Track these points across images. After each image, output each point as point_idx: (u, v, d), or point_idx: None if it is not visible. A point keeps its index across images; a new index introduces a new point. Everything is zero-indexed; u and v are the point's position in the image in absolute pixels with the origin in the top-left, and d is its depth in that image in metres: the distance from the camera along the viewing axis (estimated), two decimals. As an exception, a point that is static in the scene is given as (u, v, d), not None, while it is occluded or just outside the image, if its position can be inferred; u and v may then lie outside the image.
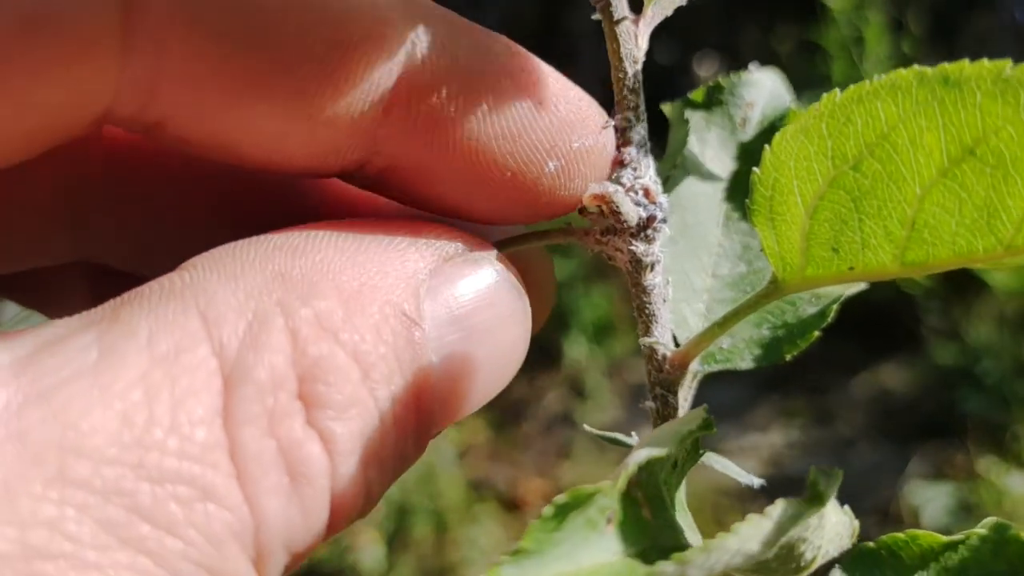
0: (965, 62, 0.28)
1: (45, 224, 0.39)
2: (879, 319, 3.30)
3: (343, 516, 0.29)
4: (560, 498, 0.26)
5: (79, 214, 0.39)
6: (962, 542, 0.35)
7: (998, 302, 3.08)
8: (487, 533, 2.93)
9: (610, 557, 0.27)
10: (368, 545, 2.91)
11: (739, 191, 0.44)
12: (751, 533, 0.27)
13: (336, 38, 0.31)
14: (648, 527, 0.30)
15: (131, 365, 0.26)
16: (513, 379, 0.35)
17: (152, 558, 0.25)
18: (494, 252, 0.34)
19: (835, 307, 0.40)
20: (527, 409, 3.52)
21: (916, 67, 0.29)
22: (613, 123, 0.36)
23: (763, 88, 0.45)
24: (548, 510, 0.26)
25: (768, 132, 0.44)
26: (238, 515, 0.26)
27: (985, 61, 0.27)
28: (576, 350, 3.54)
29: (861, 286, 0.39)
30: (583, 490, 0.26)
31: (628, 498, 0.29)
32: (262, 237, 0.31)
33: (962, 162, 0.29)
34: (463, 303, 0.32)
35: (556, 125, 0.34)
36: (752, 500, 2.52)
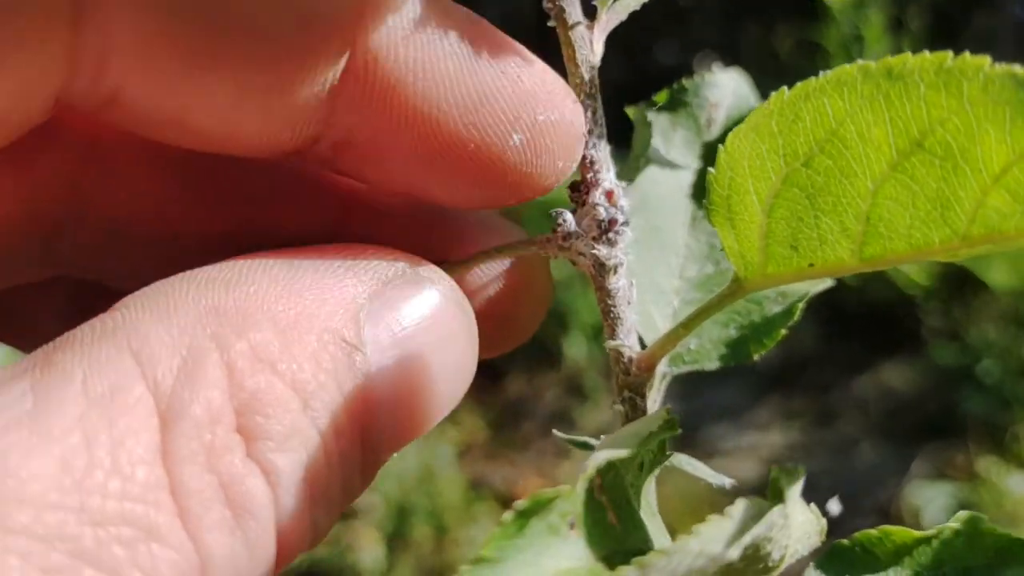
0: (908, 55, 0.28)
1: (18, 240, 0.38)
2: (880, 319, 3.30)
3: (290, 549, 0.29)
4: (520, 504, 0.26)
5: (53, 228, 0.39)
6: (935, 536, 0.35)
7: (998, 302, 3.08)
8: (486, 533, 2.93)
9: (573, 563, 0.27)
10: (368, 545, 2.93)
11: (705, 191, 0.43)
12: (712, 534, 0.27)
13: (287, 5, 0.31)
14: (613, 532, 0.30)
15: (67, 409, 0.26)
16: (512, 379, 0.35)
17: None
18: (437, 271, 0.34)
19: (800, 305, 0.40)
20: (526, 409, 3.52)
21: (860, 61, 0.29)
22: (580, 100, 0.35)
23: (727, 88, 0.46)
24: (508, 516, 0.26)
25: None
26: (183, 554, 0.26)
27: (927, 53, 0.27)
28: (575, 350, 3.54)
29: (827, 283, 0.39)
30: (543, 495, 0.26)
31: (592, 502, 0.29)
32: (194, 272, 0.31)
33: (911, 155, 0.29)
34: (405, 326, 0.32)
35: (520, 96, 0.33)
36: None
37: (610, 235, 0.36)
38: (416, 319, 0.32)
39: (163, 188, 0.39)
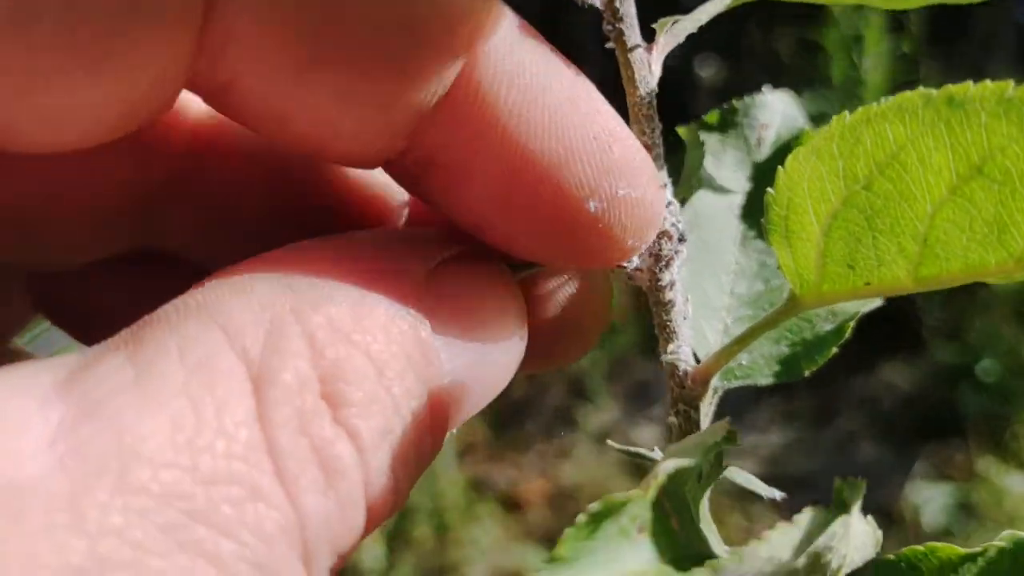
0: (969, 83, 0.29)
1: (110, 214, 0.40)
2: (880, 319, 3.30)
3: (377, 512, 0.30)
4: (593, 506, 0.27)
5: (143, 203, 0.41)
6: (981, 554, 0.35)
7: (998, 301, 3.08)
8: (487, 532, 2.94)
9: (643, 565, 0.28)
10: (368, 543, 2.92)
11: (755, 210, 0.45)
12: (782, 541, 0.28)
13: (410, 27, 0.32)
14: (677, 537, 0.31)
15: (169, 376, 0.27)
16: (513, 379, 0.36)
17: (210, 561, 0.25)
18: (488, 252, 0.36)
19: (852, 324, 0.41)
20: (528, 409, 3.52)
21: (922, 89, 0.30)
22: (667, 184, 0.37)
23: (776, 110, 0.47)
24: (582, 518, 0.27)
25: (783, 152, 0.45)
26: (284, 513, 0.27)
27: (988, 82, 0.29)
28: None
29: (877, 302, 0.40)
30: (615, 499, 0.27)
31: (657, 508, 0.30)
32: (266, 254, 0.32)
33: (971, 180, 0.30)
34: (463, 300, 0.34)
35: (606, 165, 0.34)
36: (752, 503, 2.52)
37: (666, 255, 0.37)
38: (474, 293, 0.34)
39: (259, 180, 0.41)
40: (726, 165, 0.46)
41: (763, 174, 0.46)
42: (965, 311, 3.13)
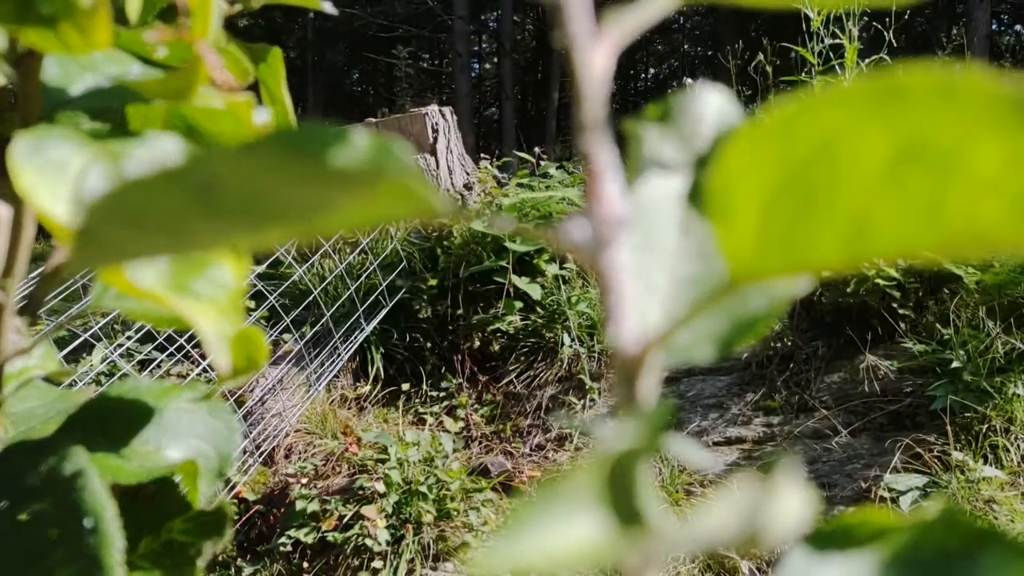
0: (906, 72, 0.30)
1: None
2: (857, 315, 3.35)
3: None
4: (539, 481, 0.27)
5: None
6: (914, 521, 0.36)
7: (974, 298, 3.13)
8: (485, 519, 3.02)
9: (583, 538, 0.29)
10: (372, 530, 2.99)
11: (694, 197, 0.46)
12: (713, 513, 0.29)
13: None
14: (619, 509, 0.31)
15: None
16: (513, 371, 0.36)
17: None
18: None
19: (784, 303, 0.42)
20: (527, 401, 3.57)
21: (861, 77, 0.30)
22: None
23: (711, 103, 0.48)
24: (528, 492, 0.27)
25: (719, 142, 0.47)
26: None
27: (924, 71, 0.29)
28: (573, 346, 3.59)
29: (811, 284, 0.41)
30: (561, 474, 0.28)
31: (598, 484, 0.30)
32: None
33: (906, 164, 0.30)
34: None
35: None
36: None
37: (609, 240, 0.38)
38: None
39: None
40: (665, 155, 0.47)
41: (701, 163, 0.47)
42: (941, 307, 3.17)
